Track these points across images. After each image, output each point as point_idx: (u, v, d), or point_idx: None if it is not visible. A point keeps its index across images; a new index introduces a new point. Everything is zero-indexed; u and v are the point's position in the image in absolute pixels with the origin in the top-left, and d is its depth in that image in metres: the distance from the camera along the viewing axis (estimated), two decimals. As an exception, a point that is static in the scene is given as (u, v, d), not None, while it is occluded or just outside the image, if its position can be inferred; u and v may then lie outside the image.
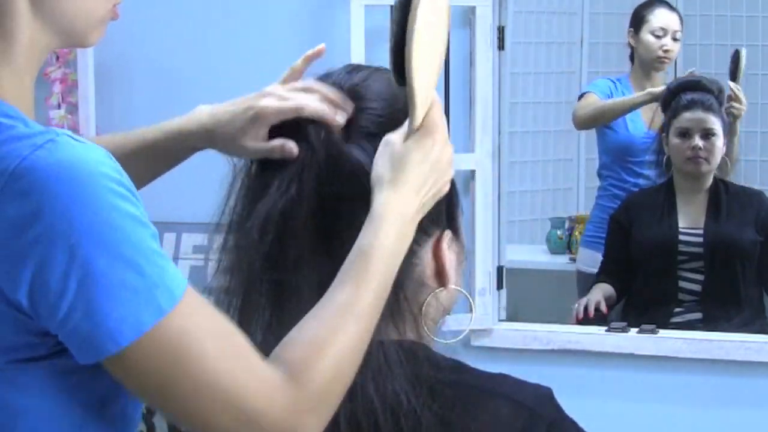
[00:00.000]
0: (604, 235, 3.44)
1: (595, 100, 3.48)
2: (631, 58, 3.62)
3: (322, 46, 1.16)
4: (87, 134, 3.04)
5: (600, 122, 3.50)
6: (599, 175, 3.63)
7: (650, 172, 3.50)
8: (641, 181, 3.50)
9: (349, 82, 0.98)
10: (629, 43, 3.60)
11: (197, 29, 3.07)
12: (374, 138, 0.95)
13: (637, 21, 3.53)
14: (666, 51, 3.48)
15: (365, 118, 0.95)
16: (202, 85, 3.07)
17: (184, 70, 3.09)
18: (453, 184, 1.02)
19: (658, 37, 3.48)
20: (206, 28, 3.06)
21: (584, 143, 4.57)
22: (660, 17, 3.49)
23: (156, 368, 0.91)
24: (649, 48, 3.49)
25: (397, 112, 0.97)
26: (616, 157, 3.52)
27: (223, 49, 3.05)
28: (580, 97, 3.56)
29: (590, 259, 3.51)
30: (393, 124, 0.96)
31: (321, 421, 0.91)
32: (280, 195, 0.94)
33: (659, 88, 3.38)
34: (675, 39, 3.50)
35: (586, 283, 3.47)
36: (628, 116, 3.49)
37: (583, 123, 3.59)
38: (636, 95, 3.44)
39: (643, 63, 3.52)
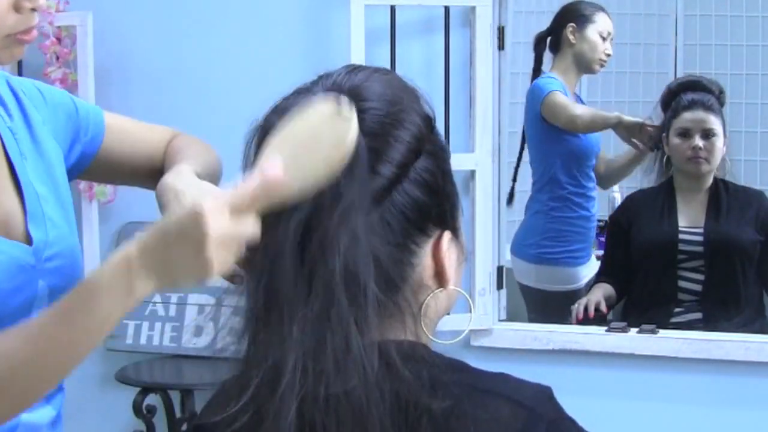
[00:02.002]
0: (568, 249, 3.44)
1: (566, 99, 3.40)
2: (539, 56, 3.59)
3: None
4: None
5: (593, 130, 3.44)
6: (554, 182, 3.48)
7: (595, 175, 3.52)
8: (591, 184, 3.50)
9: (350, 83, 0.98)
10: (545, 41, 3.55)
11: (197, 30, 3.07)
12: (377, 138, 0.95)
13: (581, 18, 3.49)
14: (608, 55, 3.49)
15: (368, 119, 0.95)
16: (202, 86, 3.08)
17: (183, 71, 3.09)
18: (453, 183, 1.02)
19: (603, 39, 3.48)
20: (206, 29, 3.07)
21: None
22: (606, 21, 3.50)
23: None
24: (596, 48, 3.47)
25: (399, 112, 0.97)
26: (577, 163, 3.46)
27: (223, 49, 3.05)
28: (545, 99, 3.41)
29: (551, 276, 3.49)
30: (395, 124, 0.96)
31: None
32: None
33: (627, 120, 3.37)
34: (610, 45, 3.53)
35: (544, 302, 3.46)
36: None
37: (586, 128, 3.44)
38: (609, 115, 3.40)
39: (582, 60, 3.48)
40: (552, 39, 3.56)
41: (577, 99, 3.56)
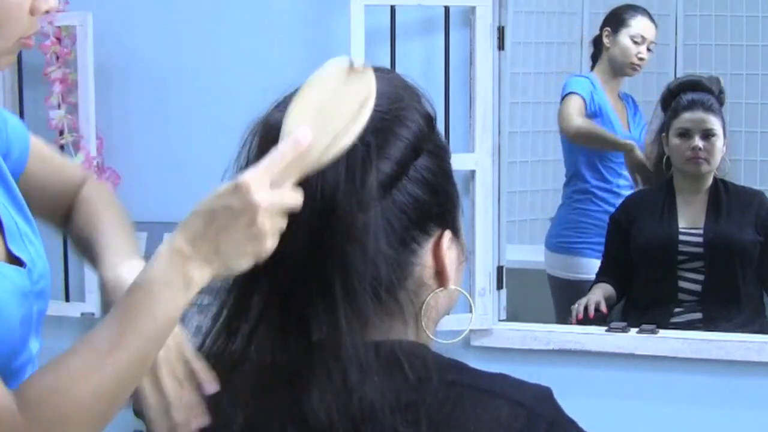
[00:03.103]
0: (587, 240, 3.48)
1: (581, 105, 3.44)
2: (594, 56, 3.63)
3: None
4: (87, 134, 3.04)
5: (588, 145, 3.48)
6: (577, 177, 3.57)
7: (626, 172, 3.53)
8: (621, 181, 3.52)
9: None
10: (599, 42, 3.59)
11: (197, 29, 3.07)
12: (378, 134, 0.95)
13: (616, 22, 3.53)
14: (641, 59, 3.50)
15: (370, 116, 0.95)
16: (202, 86, 3.07)
17: (183, 71, 3.09)
18: (454, 183, 1.02)
19: (636, 43, 3.49)
20: (206, 29, 3.06)
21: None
22: (641, 24, 3.52)
23: None
24: (627, 52, 3.50)
25: (400, 109, 0.97)
26: (600, 158, 3.51)
27: (222, 49, 3.05)
28: (562, 99, 3.50)
29: (567, 264, 3.55)
30: (396, 121, 0.96)
31: None
32: None
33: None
34: (649, 49, 3.53)
35: (561, 289, 3.52)
36: (611, 116, 3.49)
37: (577, 137, 3.51)
38: (620, 140, 3.45)
39: (615, 65, 3.53)
40: (597, 41, 3.62)
41: (625, 99, 3.58)
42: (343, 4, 2.81)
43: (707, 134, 3.13)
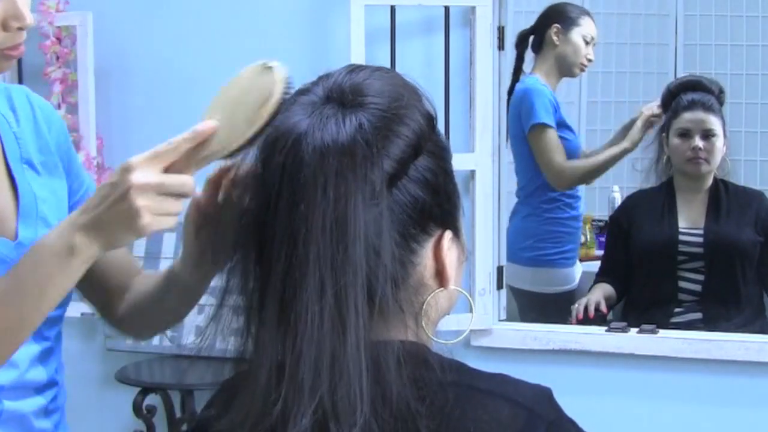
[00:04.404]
0: (562, 250, 3.44)
1: (555, 137, 3.31)
2: (535, 50, 3.53)
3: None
4: (87, 134, 3.04)
5: (589, 180, 3.42)
6: (545, 186, 3.40)
7: None
8: (579, 186, 3.49)
9: (351, 82, 0.98)
10: (540, 40, 3.49)
11: (197, 29, 3.07)
12: (377, 132, 0.94)
13: (567, 21, 3.45)
14: (589, 60, 3.47)
15: (369, 113, 0.95)
16: (202, 86, 3.07)
17: (183, 71, 3.09)
18: (454, 183, 1.02)
19: (586, 43, 3.46)
20: (206, 29, 3.07)
21: (583, 143, 4.56)
22: (591, 25, 3.48)
23: None
24: (579, 51, 3.44)
25: (400, 108, 0.97)
26: None
27: (222, 49, 3.05)
28: (534, 127, 3.31)
29: (548, 278, 3.46)
30: (396, 119, 0.96)
31: None
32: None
33: (627, 143, 3.33)
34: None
35: (542, 305, 3.43)
36: (573, 122, 3.43)
37: (571, 186, 3.40)
38: (615, 149, 3.34)
39: (564, 63, 3.46)
40: (535, 39, 3.52)
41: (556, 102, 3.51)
42: (343, 4, 2.81)
43: (707, 134, 3.13)
